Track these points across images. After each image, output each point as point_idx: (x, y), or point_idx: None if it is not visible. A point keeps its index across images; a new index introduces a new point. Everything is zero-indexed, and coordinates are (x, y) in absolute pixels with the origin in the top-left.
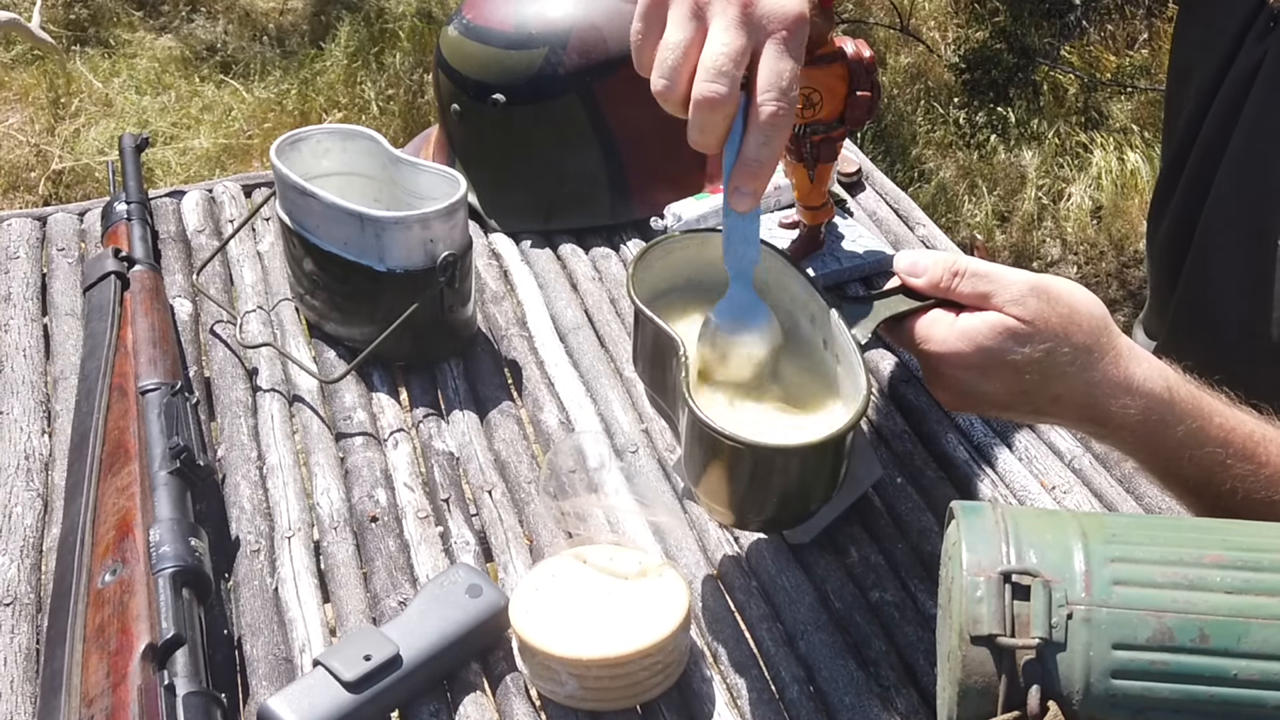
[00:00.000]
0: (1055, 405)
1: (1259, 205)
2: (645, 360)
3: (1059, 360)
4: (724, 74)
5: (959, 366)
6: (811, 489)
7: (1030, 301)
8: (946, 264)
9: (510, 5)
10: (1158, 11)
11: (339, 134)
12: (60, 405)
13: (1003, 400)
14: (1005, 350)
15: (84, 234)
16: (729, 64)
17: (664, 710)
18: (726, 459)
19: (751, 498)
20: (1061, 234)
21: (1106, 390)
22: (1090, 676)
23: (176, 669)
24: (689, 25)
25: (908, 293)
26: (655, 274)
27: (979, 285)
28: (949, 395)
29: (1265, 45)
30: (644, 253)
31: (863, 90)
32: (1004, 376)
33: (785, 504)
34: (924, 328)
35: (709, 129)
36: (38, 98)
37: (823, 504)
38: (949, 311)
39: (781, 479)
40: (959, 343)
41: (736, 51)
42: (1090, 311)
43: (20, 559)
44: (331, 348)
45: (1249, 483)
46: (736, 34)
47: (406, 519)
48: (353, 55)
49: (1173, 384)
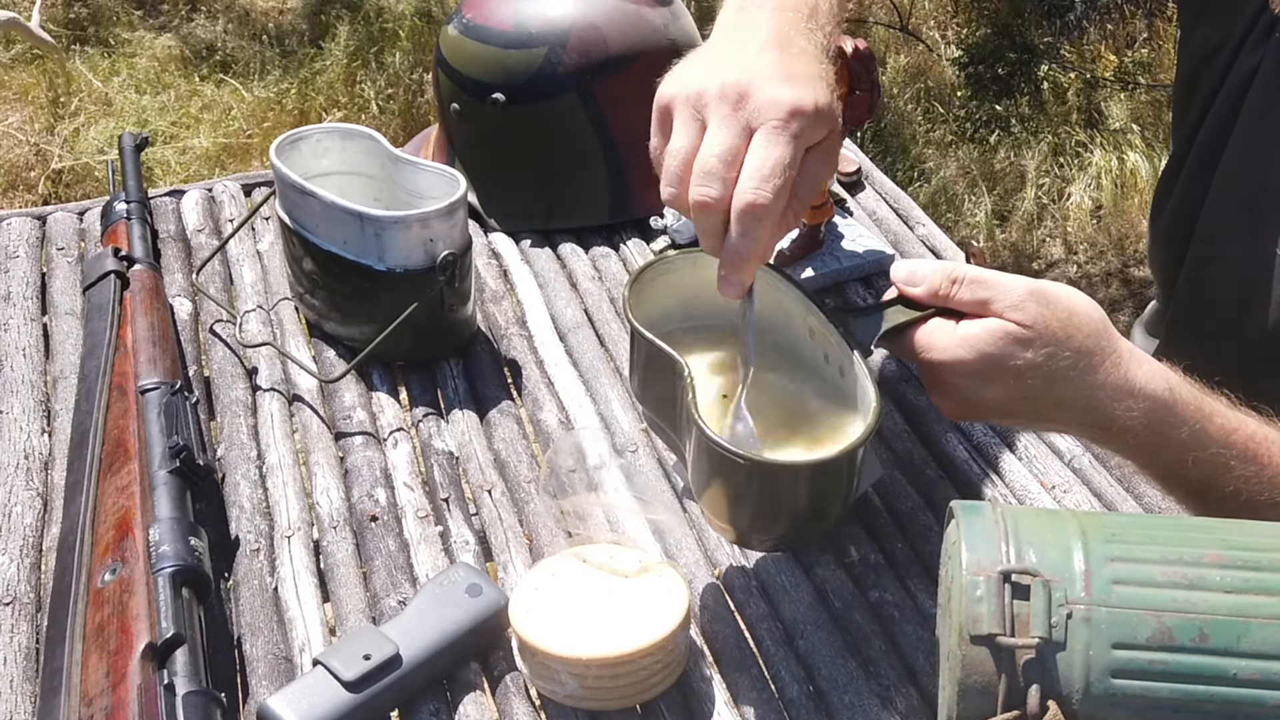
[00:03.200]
0: (1058, 410)
1: (1255, 208)
2: (644, 381)
3: (1060, 364)
4: (713, 175)
5: (961, 374)
6: (823, 507)
7: (1030, 306)
8: (945, 272)
9: (510, 5)
10: (1158, 11)
11: (339, 133)
12: (60, 404)
13: (1006, 407)
14: (1007, 356)
15: (84, 233)
16: (718, 165)
17: (664, 710)
18: (734, 477)
19: (760, 517)
20: (1062, 234)
21: (1109, 393)
22: (1090, 676)
23: (176, 668)
24: (690, 129)
25: (906, 303)
26: (651, 295)
27: (978, 292)
28: (952, 404)
29: (1263, 50)
30: (638, 275)
31: (863, 90)
32: (1006, 382)
33: (795, 522)
34: (925, 337)
35: (708, 232)
36: (37, 97)
37: (834, 523)
38: (949, 320)
39: (791, 497)
40: (960, 350)
41: (726, 151)
42: (1089, 315)
43: (20, 558)
44: (331, 347)
45: (1252, 484)
46: (726, 133)
47: (406, 518)
48: (352, 55)
49: (1174, 386)
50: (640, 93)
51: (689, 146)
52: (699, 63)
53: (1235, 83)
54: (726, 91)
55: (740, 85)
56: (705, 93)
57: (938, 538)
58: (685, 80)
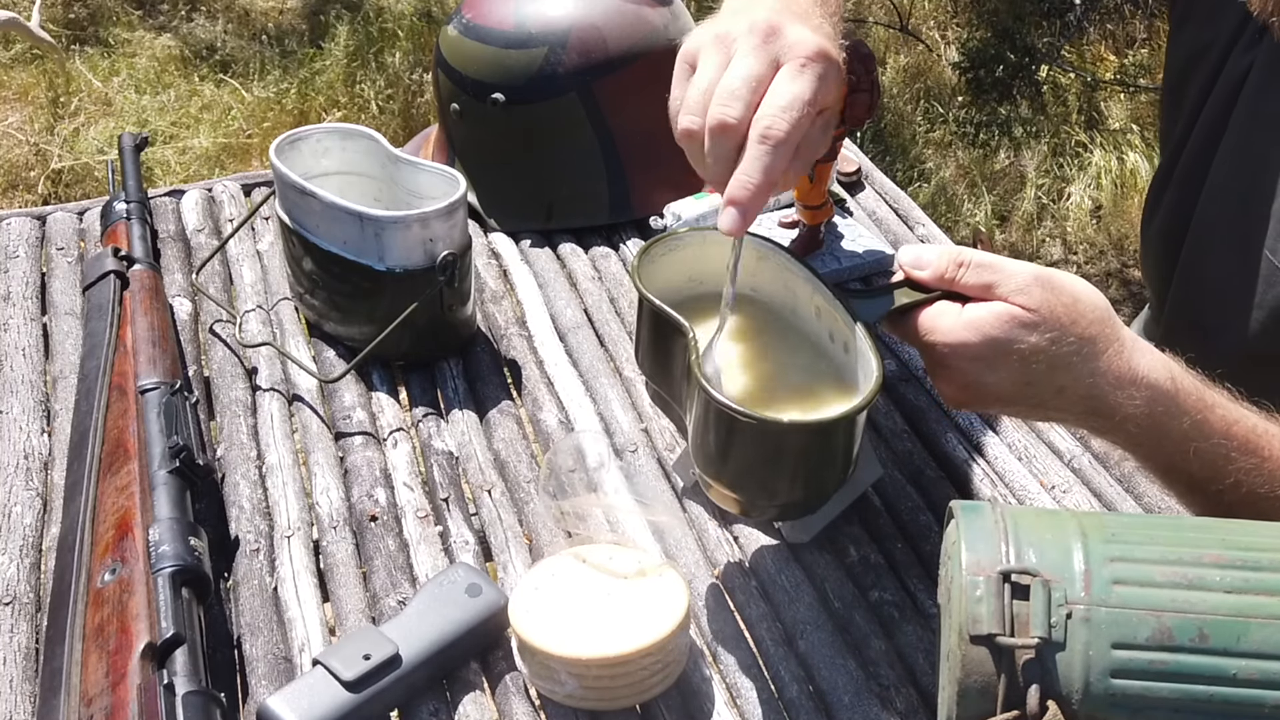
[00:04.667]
0: (1060, 397)
1: (1246, 212)
2: (649, 351)
3: (1064, 350)
4: (736, 96)
5: (965, 357)
6: (824, 471)
7: (1035, 291)
8: (951, 256)
9: (510, 4)
10: (1157, 11)
11: (338, 133)
12: (59, 404)
13: (1008, 393)
14: (1012, 339)
15: (83, 233)
16: (742, 88)
17: (663, 710)
18: (739, 438)
19: (764, 480)
20: (1062, 234)
21: (1111, 381)
22: (1090, 676)
23: (176, 668)
24: (717, 63)
25: (912, 286)
26: (659, 269)
27: (983, 276)
28: (954, 389)
29: (1252, 55)
30: (648, 248)
31: (862, 90)
32: (1010, 367)
33: (796, 486)
34: (929, 319)
35: (721, 157)
36: (37, 97)
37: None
38: (954, 303)
39: (794, 458)
40: (965, 333)
41: (752, 76)
42: (1094, 302)
43: (20, 558)
44: (331, 347)
45: (1252, 477)
46: (753, 60)
47: (406, 518)
48: (352, 55)
49: (1176, 375)
50: (640, 93)
51: (714, 78)
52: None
53: (1225, 87)
54: (757, 26)
55: (771, 22)
56: (733, 29)
57: (938, 538)
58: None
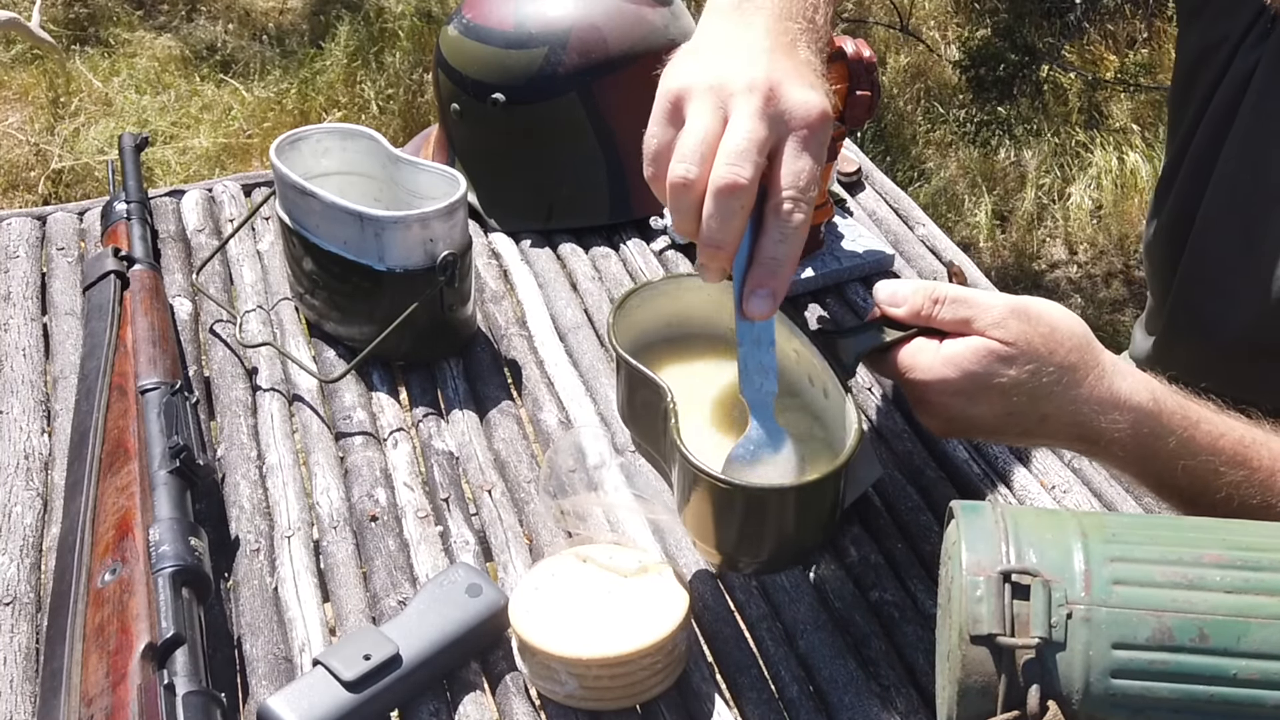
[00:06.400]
0: (1044, 425)
1: (1249, 208)
2: (630, 408)
3: (1044, 380)
4: (747, 159)
5: (946, 393)
6: (807, 529)
7: (1011, 324)
8: (926, 292)
9: (510, 5)
10: (1158, 11)
11: (339, 133)
12: (60, 404)
13: (991, 424)
14: (991, 374)
15: (84, 233)
16: (752, 149)
17: (664, 710)
18: (720, 503)
19: (745, 540)
20: (1063, 234)
21: (1094, 407)
22: (1090, 676)
23: (176, 668)
24: (713, 115)
25: (889, 323)
26: (636, 320)
27: (959, 311)
28: (938, 422)
29: (1260, 51)
30: (623, 301)
31: (863, 90)
32: (991, 400)
33: (780, 546)
34: (908, 356)
35: (728, 217)
36: (37, 97)
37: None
38: (932, 339)
39: (776, 521)
40: (944, 369)
41: (760, 140)
42: (1071, 330)
43: (20, 558)
44: (331, 347)
45: (1243, 489)
46: (759, 124)
47: (406, 518)
48: (352, 55)
49: (1159, 396)
50: (640, 93)
51: (713, 130)
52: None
53: (1233, 83)
54: (755, 85)
55: (770, 82)
56: (729, 84)
57: (938, 538)
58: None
